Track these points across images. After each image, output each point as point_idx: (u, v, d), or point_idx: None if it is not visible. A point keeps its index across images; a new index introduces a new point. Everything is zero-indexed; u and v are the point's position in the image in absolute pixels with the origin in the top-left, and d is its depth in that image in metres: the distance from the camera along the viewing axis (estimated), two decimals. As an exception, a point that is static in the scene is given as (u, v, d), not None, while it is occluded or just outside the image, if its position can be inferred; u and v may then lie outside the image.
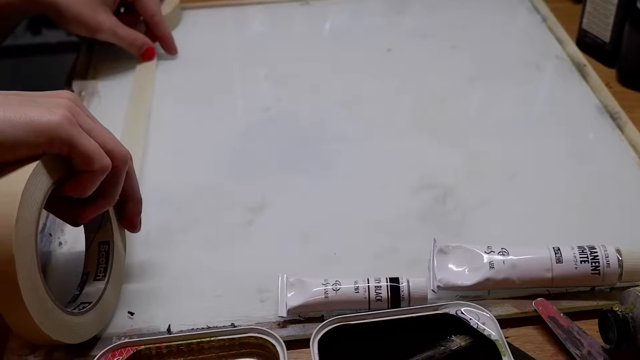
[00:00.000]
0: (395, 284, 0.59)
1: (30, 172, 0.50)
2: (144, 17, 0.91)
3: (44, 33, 1.54)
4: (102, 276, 0.60)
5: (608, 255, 0.60)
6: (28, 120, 0.50)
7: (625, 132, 0.79)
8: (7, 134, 0.50)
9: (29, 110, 0.51)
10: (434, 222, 0.69)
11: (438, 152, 0.78)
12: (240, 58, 0.94)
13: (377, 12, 1.02)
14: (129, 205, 0.61)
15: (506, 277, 0.60)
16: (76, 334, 0.56)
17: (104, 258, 0.61)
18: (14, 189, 0.49)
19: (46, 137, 0.51)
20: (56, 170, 0.53)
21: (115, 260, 0.61)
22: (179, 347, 0.56)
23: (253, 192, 0.73)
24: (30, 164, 0.51)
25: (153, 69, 0.90)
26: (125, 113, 0.82)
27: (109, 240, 0.61)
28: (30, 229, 0.50)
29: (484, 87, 0.88)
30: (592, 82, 0.87)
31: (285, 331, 0.59)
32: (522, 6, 1.02)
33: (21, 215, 0.49)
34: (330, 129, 0.81)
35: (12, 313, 0.50)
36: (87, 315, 0.57)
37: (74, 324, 0.55)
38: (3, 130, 0.49)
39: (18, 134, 0.50)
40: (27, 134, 0.50)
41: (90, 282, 0.59)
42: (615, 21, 0.87)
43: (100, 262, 0.60)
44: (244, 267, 0.65)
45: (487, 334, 0.56)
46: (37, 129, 0.50)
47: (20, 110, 0.51)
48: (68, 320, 0.54)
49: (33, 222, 0.50)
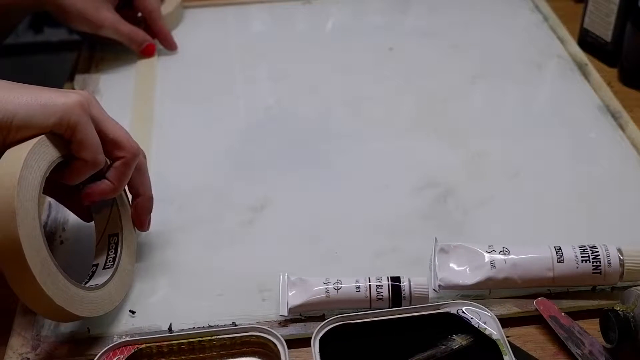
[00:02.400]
0: (396, 283, 0.59)
1: (36, 141, 0.53)
2: (142, 13, 0.91)
3: (45, 31, 1.54)
4: (112, 265, 0.60)
5: (609, 255, 0.60)
6: (43, 102, 0.54)
7: (627, 131, 0.79)
8: (23, 115, 0.53)
9: (46, 93, 0.55)
10: (435, 222, 0.69)
11: (439, 152, 0.78)
12: (242, 57, 0.94)
13: (378, 12, 1.02)
14: (139, 202, 0.63)
15: (507, 277, 0.60)
16: (84, 307, 0.55)
17: (113, 249, 0.62)
18: (19, 154, 0.52)
19: (57, 118, 0.54)
20: (62, 147, 0.55)
21: (125, 245, 0.62)
22: (180, 345, 0.56)
23: (254, 191, 0.73)
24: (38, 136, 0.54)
25: (154, 67, 0.90)
26: (130, 114, 0.82)
27: (118, 232, 0.62)
28: (33, 192, 0.52)
29: (486, 87, 0.88)
30: (593, 81, 0.87)
31: (286, 330, 0.59)
32: (524, 5, 1.02)
33: (24, 176, 0.51)
34: (332, 128, 0.81)
35: (15, 273, 0.51)
36: (97, 291, 0.57)
37: (82, 297, 0.55)
38: (17, 112, 0.53)
39: (33, 114, 0.53)
40: (41, 114, 0.53)
41: (99, 271, 0.60)
42: (617, 20, 0.87)
43: (109, 253, 0.61)
44: (245, 266, 0.65)
45: (488, 333, 0.56)
46: (51, 109, 0.54)
47: (37, 93, 0.54)
48: (73, 291, 0.54)
49: (36, 186, 0.53)
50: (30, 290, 0.51)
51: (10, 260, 0.50)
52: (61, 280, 0.53)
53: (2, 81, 0.56)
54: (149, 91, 0.86)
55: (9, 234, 0.50)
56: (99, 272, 0.60)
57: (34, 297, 0.52)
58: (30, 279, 0.51)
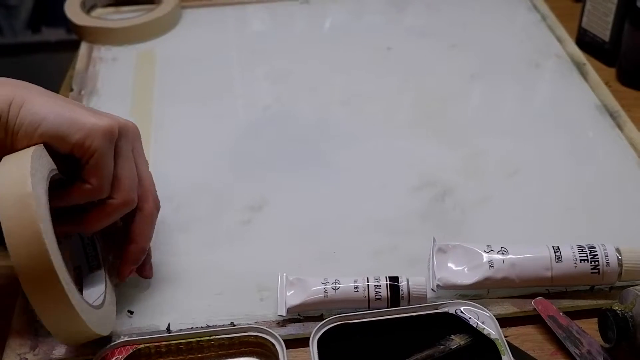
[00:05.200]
0: (394, 283, 0.59)
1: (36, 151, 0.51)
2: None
3: (43, 31, 1.54)
4: (97, 264, 0.59)
5: (607, 255, 0.60)
6: (74, 117, 0.53)
7: (625, 130, 0.79)
8: (50, 122, 0.52)
9: (81, 110, 0.54)
10: (434, 221, 0.69)
11: (437, 151, 0.78)
12: (240, 57, 0.94)
13: (377, 11, 1.02)
14: (130, 249, 0.59)
15: (506, 276, 0.60)
16: (103, 326, 0.54)
17: (90, 247, 0.60)
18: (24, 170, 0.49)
19: (81, 135, 0.53)
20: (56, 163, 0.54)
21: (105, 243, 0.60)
22: (179, 346, 0.56)
23: (253, 190, 0.73)
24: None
25: (153, 67, 0.90)
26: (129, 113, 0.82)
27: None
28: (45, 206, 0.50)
29: (484, 86, 0.88)
30: (591, 80, 0.87)
31: (284, 330, 0.59)
32: (522, 5, 1.02)
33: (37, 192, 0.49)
34: (330, 127, 0.81)
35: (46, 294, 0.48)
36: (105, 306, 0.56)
37: (100, 315, 0.54)
38: (47, 117, 0.52)
39: (60, 123, 0.53)
40: (67, 127, 0.53)
41: (86, 274, 0.59)
42: (615, 20, 0.87)
43: (87, 252, 0.60)
44: (244, 266, 0.65)
45: (486, 333, 0.56)
46: (79, 126, 0.53)
47: (72, 108, 0.54)
48: (91, 309, 0.53)
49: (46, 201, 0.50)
50: (60, 310, 0.49)
51: (41, 280, 0.48)
52: (81, 299, 0.52)
53: (44, 90, 0.55)
54: (147, 91, 0.86)
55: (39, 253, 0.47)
56: (85, 274, 0.58)
57: (63, 319, 0.50)
58: (61, 298, 0.48)
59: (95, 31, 0.95)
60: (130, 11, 1.01)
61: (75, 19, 0.96)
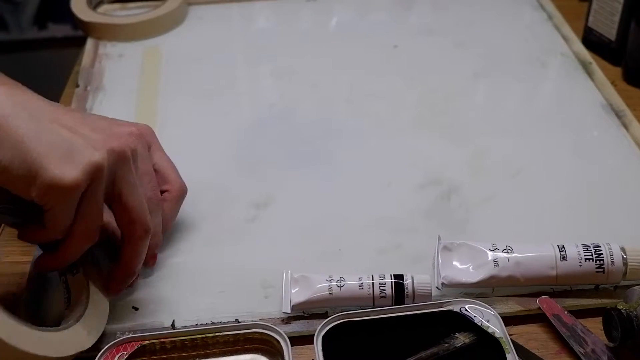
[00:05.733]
0: (399, 280, 0.59)
1: None
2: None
3: (49, 27, 1.54)
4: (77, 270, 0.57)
5: (612, 254, 0.60)
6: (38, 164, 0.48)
7: (630, 130, 0.79)
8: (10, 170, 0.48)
9: (53, 152, 0.49)
10: (439, 219, 0.69)
11: (443, 149, 0.77)
12: (246, 54, 0.94)
13: (383, 9, 1.02)
14: (118, 270, 0.58)
15: (510, 275, 0.60)
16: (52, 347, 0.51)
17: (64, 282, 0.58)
18: None
19: (37, 193, 0.49)
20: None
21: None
22: (184, 342, 0.56)
23: (257, 187, 0.73)
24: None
25: (158, 63, 0.90)
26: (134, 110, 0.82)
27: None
28: None
29: (489, 84, 0.88)
30: (597, 80, 0.87)
31: (289, 327, 0.59)
32: (528, 3, 1.02)
33: None
34: (335, 125, 0.81)
35: None
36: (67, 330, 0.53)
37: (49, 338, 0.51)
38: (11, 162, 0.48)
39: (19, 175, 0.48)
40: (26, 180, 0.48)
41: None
42: (621, 19, 0.87)
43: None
44: (248, 263, 0.65)
45: (491, 332, 0.56)
46: (39, 179, 0.49)
47: (46, 148, 0.49)
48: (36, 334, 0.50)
49: None
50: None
51: None
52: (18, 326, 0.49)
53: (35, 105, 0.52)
54: (153, 87, 0.86)
55: None
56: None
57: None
58: None
59: (101, 27, 0.95)
60: (136, 7, 1.01)
61: (81, 15, 0.96)
